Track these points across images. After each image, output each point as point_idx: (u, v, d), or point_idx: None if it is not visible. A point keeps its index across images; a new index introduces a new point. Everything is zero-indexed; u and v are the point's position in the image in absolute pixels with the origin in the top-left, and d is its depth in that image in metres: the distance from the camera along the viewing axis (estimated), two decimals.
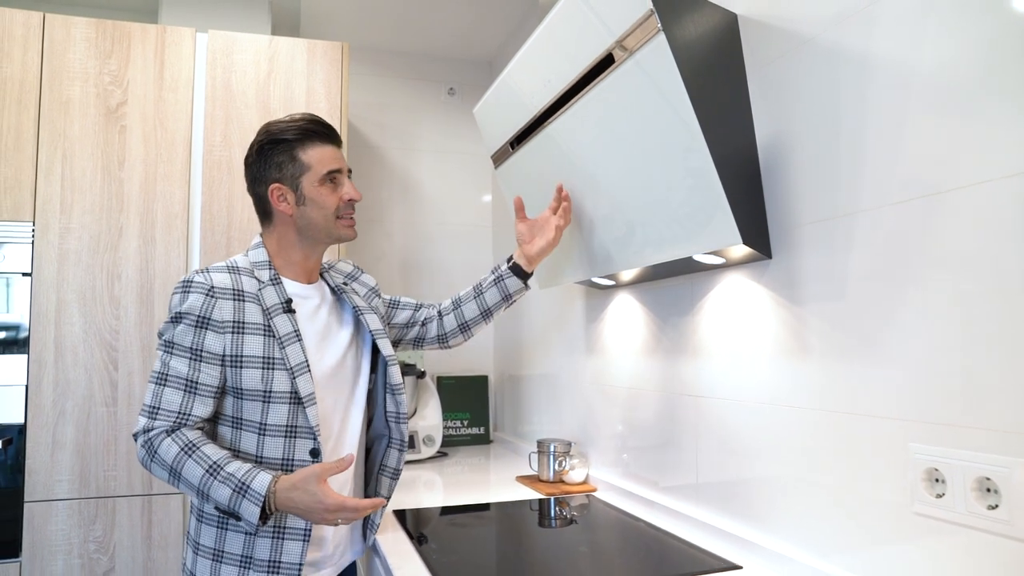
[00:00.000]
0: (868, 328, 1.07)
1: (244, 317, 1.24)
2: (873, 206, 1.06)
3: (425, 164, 2.99)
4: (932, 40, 0.96)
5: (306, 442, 1.25)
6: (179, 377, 1.20)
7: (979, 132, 0.90)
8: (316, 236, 1.34)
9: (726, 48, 1.31)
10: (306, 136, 1.31)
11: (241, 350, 1.23)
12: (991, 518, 0.87)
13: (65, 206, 1.95)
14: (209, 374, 1.22)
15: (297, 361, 1.25)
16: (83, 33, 2.00)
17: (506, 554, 1.42)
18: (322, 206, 1.31)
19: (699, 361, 1.50)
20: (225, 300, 1.23)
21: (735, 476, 1.37)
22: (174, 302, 1.24)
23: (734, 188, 1.19)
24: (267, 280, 1.30)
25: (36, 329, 1.91)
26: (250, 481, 1.13)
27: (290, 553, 1.22)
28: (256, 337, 1.24)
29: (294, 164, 1.30)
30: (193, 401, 1.21)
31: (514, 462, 2.39)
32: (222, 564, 1.21)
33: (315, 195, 1.31)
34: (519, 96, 1.61)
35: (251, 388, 1.23)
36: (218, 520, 1.22)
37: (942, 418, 0.94)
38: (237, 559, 1.21)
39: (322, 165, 1.31)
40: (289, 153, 1.30)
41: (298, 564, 1.22)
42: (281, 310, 1.27)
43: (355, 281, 1.52)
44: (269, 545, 1.21)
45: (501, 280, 1.56)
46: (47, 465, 1.89)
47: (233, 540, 1.22)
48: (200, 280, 1.24)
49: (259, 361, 1.23)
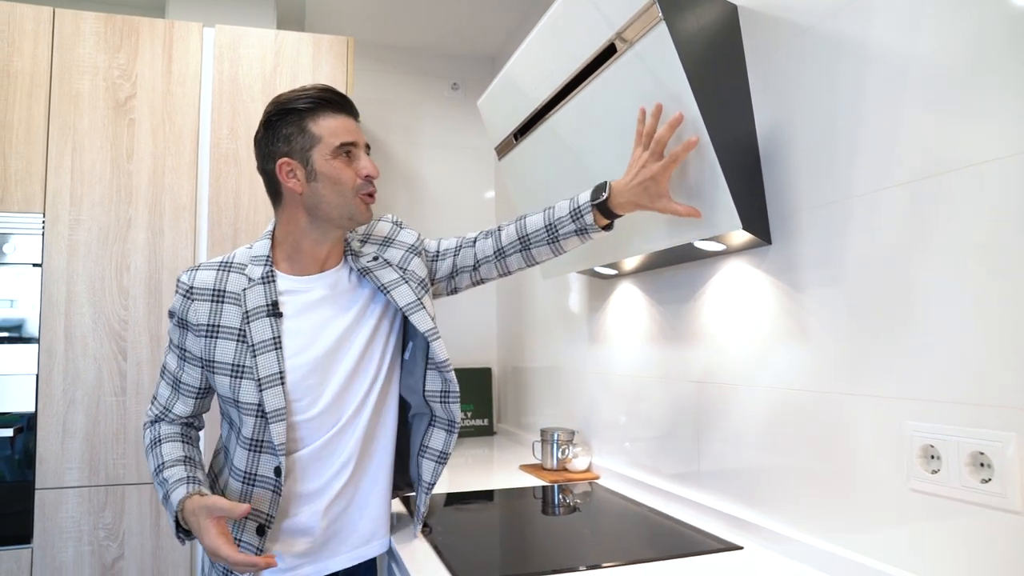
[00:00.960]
0: (866, 311, 1.09)
1: (220, 320, 1.19)
2: (870, 191, 1.08)
3: (429, 159, 3.01)
4: (927, 28, 0.99)
5: (270, 458, 1.19)
6: (169, 372, 1.25)
7: (973, 116, 0.92)
8: (328, 215, 1.21)
9: (726, 37, 1.33)
10: (317, 106, 1.19)
11: (213, 355, 1.19)
12: (985, 491, 0.89)
13: (75, 198, 1.98)
14: (191, 375, 1.23)
15: (267, 372, 1.17)
16: (92, 28, 2.02)
17: (510, 538, 1.45)
18: (336, 181, 1.19)
19: (701, 347, 1.52)
20: (202, 302, 1.19)
21: (736, 459, 1.39)
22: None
23: (734, 175, 1.21)
24: (257, 278, 1.21)
25: (46, 319, 1.94)
26: (171, 493, 1.13)
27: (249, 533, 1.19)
28: (228, 343, 1.18)
29: (304, 136, 1.18)
30: (176, 399, 1.24)
31: (517, 452, 2.41)
32: None
33: (327, 169, 1.18)
34: (522, 88, 1.64)
35: (224, 395, 1.21)
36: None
37: (937, 396, 0.96)
38: None
39: (335, 137, 1.19)
40: (298, 124, 1.18)
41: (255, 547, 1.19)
42: (264, 313, 1.19)
43: (391, 246, 1.35)
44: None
45: (585, 232, 1.29)
46: (57, 453, 1.92)
47: None
48: (184, 280, 1.22)
49: (228, 368, 1.18)
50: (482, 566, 1.22)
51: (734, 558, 1.25)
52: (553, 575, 1.18)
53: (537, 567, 1.22)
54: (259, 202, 2.13)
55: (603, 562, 1.23)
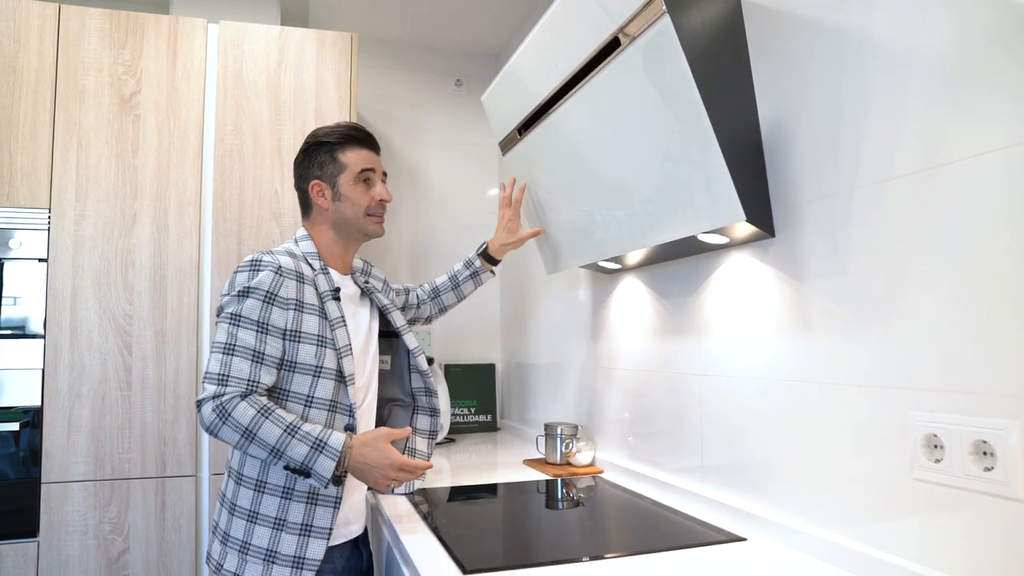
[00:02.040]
0: (869, 302, 1.09)
1: (304, 297, 1.36)
2: (873, 182, 1.08)
3: (433, 156, 3.02)
4: (931, 20, 0.99)
5: (343, 417, 1.39)
6: (247, 348, 1.29)
7: (976, 108, 0.92)
8: (348, 230, 1.48)
9: (729, 30, 1.33)
10: (346, 140, 1.46)
11: (300, 326, 1.34)
12: (987, 479, 0.90)
13: (80, 193, 1.99)
14: (273, 346, 1.32)
15: (343, 343, 1.39)
16: (97, 24, 2.03)
17: (515, 530, 1.45)
18: (354, 203, 1.46)
19: (704, 341, 1.52)
20: (290, 280, 1.35)
21: (740, 451, 1.40)
22: (240, 279, 1.33)
23: (738, 167, 1.22)
24: (318, 269, 1.43)
25: (52, 314, 1.95)
26: (327, 439, 1.26)
27: (321, 518, 1.33)
28: (313, 317, 1.36)
29: (334, 164, 1.45)
30: (260, 370, 1.30)
31: (521, 447, 2.42)
32: (256, 525, 1.31)
33: (349, 192, 1.45)
34: (526, 83, 1.64)
35: (305, 362, 1.34)
36: (255, 483, 1.32)
37: (940, 385, 0.97)
38: (271, 520, 1.31)
39: (356, 165, 1.45)
40: (330, 154, 1.45)
41: (328, 528, 1.34)
42: (331, 296, 1.41)
43: (370, 277, 1.64)
44: (303, 509, 1.32)
45: (476, 275, 1.86)
46: (63, 447, 1.93)
47: (269, 503, 1.32)
48: (269, 260, 1.35)
49: (315, 338, 1.35)
50: (487, 557, 1.23)
51: (738, 549, 1.25)
52: (556, 565, 1.18)
53: (541, 558, 1.22)
54: (263, 197, 2.14)
55: (606, 553, 1.23)
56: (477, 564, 1.18)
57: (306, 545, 1.31)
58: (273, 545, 1.30)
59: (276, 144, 2.16)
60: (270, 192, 2.14)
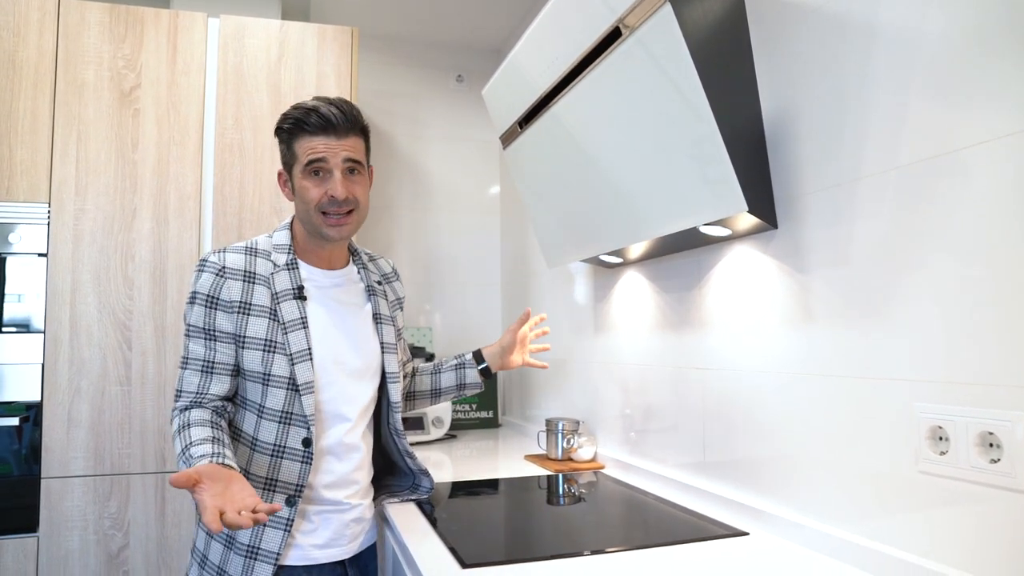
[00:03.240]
0: (873, 292, 1.08)
1: (252, 299, 1.26)
2: (877, 172, 1.07)
3: (434, 152, 3.01)
4: (935, 8, 0.97)
5: (299, 430, 1.26)
6: (197, 359, 1.24)
7: (980, 96, 0.91)
8: (308, 229, 1.32)
9: (731, 18, 1.32)
10: (297, 126, 1.26)
11: (245, 331, 1.25)
12: (993, 471, 0.88)
13: (80, 188, 1.98)
14: (224, 352, 1.25)
15: (298, 348, 1.26)
16: (97, 18, 2.02)
17: (516, 525, 1.44)
18: (303, 199, 1.27)
19: (707, 334, 1.51)
20: (235, 281, 1.26)
21: (742, 445, 1.39)
22: (191, 281, 1.27)
23: (740, 158, 1.20)
24: (283, 264, 1.30)
25: (52, 309, 1.94)
26: (193, 463, 1.06)
27: (269, 541, 1.23)
28: (261, 319, 1.25)
29: (289, 153, 1.29)
30: (210, 381, 1.23)
31: (522, 443, 2.41)
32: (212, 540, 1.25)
33: (300, 187, 1.28)
34: (526, 76, 1.63)
35: (251, 370, 1.25)
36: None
37: (946, 376, 0.95)
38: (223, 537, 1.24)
39: (304, 155, 1.26)
40: (287, 142, 1.29)
41: (275, 552, 1.23)
42: (291, 296, 1.28)
43: (387, 285, 1.50)
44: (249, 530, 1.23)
45: (462, 367, 1.65)
46: (63, 442, 1.92)
47: (215, 551, 1.24)
48: (213, 260, 1.27)
49: (260, 343, 1.25)
50: (488, 552, 1.22)
51: (740, 543, 1.24)
52: (557, 560, 1.17)
53: (542, 552, 1.21)
54: (263, 192, 2.13)
55: (608, 547, 1.22)
56: (476, 559, 1.17)
57: (251, 569, 1.21)
58: (224, 564, 1.23)
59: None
60: (270, 186, 2.13)
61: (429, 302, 2.96)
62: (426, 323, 2.94)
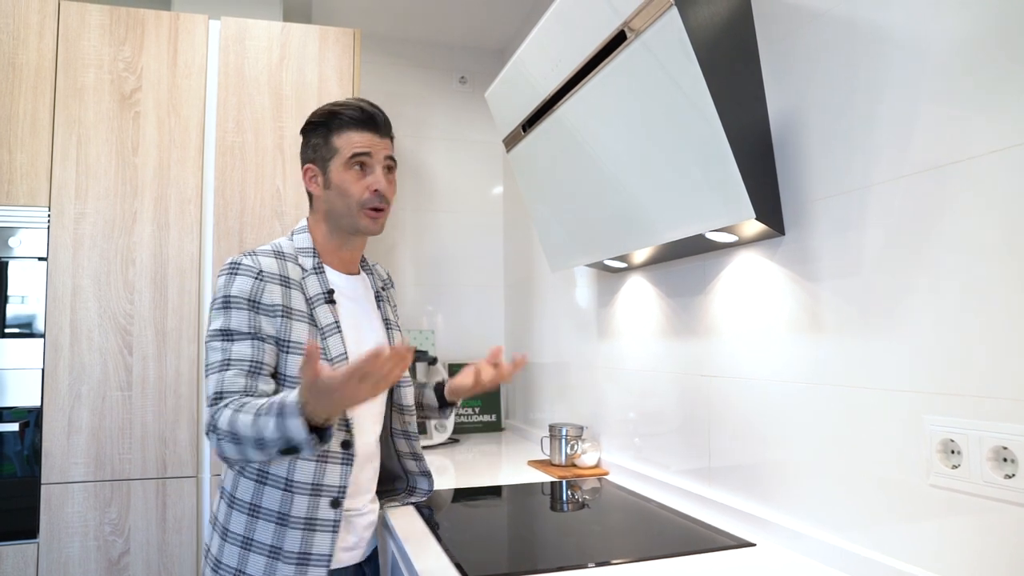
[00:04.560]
0: (883, 302, 1.06)
1: (291, 303, 1.23)
2: (887, 179, 1.05)
3: (436, 153, 2.99)
4: (946, 11, 0.95)
5: (339, 433, 1.26)
6: (244, 359, 1.17)
7: (992, 102, 0.89)
8: (339, 224, 1.32)
9: (738, 22, 1.30)
10: (342, 119, 1.28)
11: (289, 335, 1.21)
12: (1008, 487, 0.86)
13: (80, 191, 1.97)
14: (270, 355, 1.20)
15: (337, 353, 1.25)
16: (97, 20, 2.01)
17: (519, 534, 1.43)
18: (344, 193, 1.28)
19: (712, 341, 1.49)
20: (273, 284, 1.22)
21: (748, 455, 1.37)
22: (220, 284, 1.21)
23: (747, 164, 1.18)
24: (310, 268, 1.29)
25: (52, 313, 1.93)
26: (284, 398, 1.03)
27: (320, 545, 1.21)
28: (302, 324, 1.23)
29: (327, 147, 1.29)
30: (257, 381, 1.18)
31: (526, 448, 2.39)
32: (251, 552, 1.20)
33: (339, 180, 1.28)
34: (530, 79, 1.61)
35: (294, 375, 1.21)
36: (249, 508, 1.21)
37: (958, 389, 0.93)
38: (266, 548, 1.20)
39: (348, 148, 1.27)
40: (325, 136, 1.29)
41: (327, 555, 1.21)
42: (323, 300, 1.27)
43: (387, 290, 1.53)
44: (299, 537, 1.20)
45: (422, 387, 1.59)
46: (63, 448, 1.91)
47: (263, 529, 1.20)
48: (249, 263, 1.22)
49: (303, 348, 1.20)
50: (490, 562, 1.20)
51: (747, 555, 1.22)
52: (562, 572, 1.15)
53: (546, 564, 1.19)
54: (265, 195, 2.11)
55: (613, 559, 1.20)
56: (480, 571, 1.15)
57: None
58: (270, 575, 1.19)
59: (278, 141, 2.14)
60: (272, 190, 2.12)
61: (431, 304, 2.94)
62: (428, 326, 2.93)
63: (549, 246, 1.90)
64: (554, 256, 1.90)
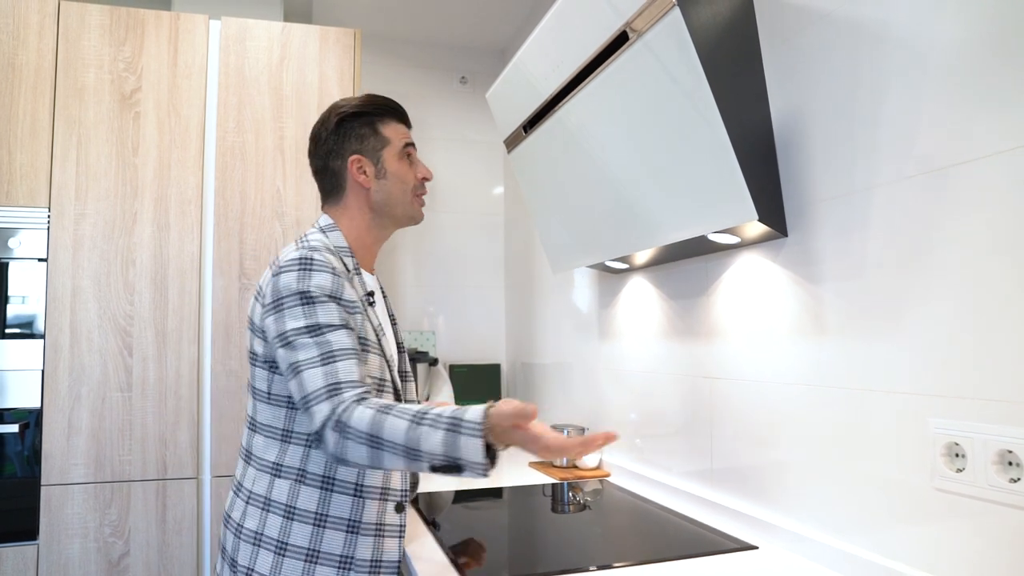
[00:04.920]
0: (886, 303, 1.05)
1: (358, 301, 1.18)
2: (890, 180, 1.04)
3: (437, 153, 2.98)
4: (949, 12, 0.95)
5: None
6: (351, 349, 1.08)
7: (997, 103, 0.88)
8: (391, 212, 1.29)
9: (740, 22, 1.29)
10: (386, 111, 1.29)
11: (364, 332, 1.16)
12: (1013, 491, 0.86)
13: (80, 192, 1.96)
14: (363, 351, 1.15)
15: (389, 352, 1.23)
16: (97, 20, 2.00)
17: (520, 537, 1.42)
18: (402, 180, 1.28)
19: (714, 343, 1.48)
20: (345, 280, 1.15)
21: (751, 457, 1.36)
22: (288, 281, 1.10)
23: (750, 165, 1.18)
24: (352, 268, 1.23)
25: (52, 314, 1.92)
26: (462, 415, 0.97)
27: (390, 551, 1.16)
28: (366, 322, 1.18)
29: (376, 137, 1.27)
30: (364, 370, 1.09)
31: None
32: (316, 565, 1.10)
33: (396, 168, 1.28)
34: (531, 79, 1.61)
35: (372, 376, 1.16)
36: (315, 517, 1.12)
37: (962, 392, 0.93)
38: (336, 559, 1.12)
39: (400, 139, 1.29)
40: (371, 126, 1.27)
41: (396, 562, 1.17)
42: (369, 301, 1.23)
43: None
44: (371, 544, 1.14)
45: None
46: (63, 449, 1.91)
47: (332, 539, 1.12)
48: (321, 260, 1.13)
49: (370, 344, 1.17)
50: (491, 566, 1.20)
51: (750, 558, 1.22)
52: (563, 575, 1.15)
53: (547, 567, 1.19)
54: (265, 195, 2.11)
55: (614, 562, 1.20)
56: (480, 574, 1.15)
57: None
58: None
59: (278, 142, 2.13)
60: (272, 190, 2.11)
61: (432, 305, 2.94)
62: (429, 327, 2.92)
63: (550, 247, 1.90)
64: (555, 257, 1.89)
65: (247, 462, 1.18)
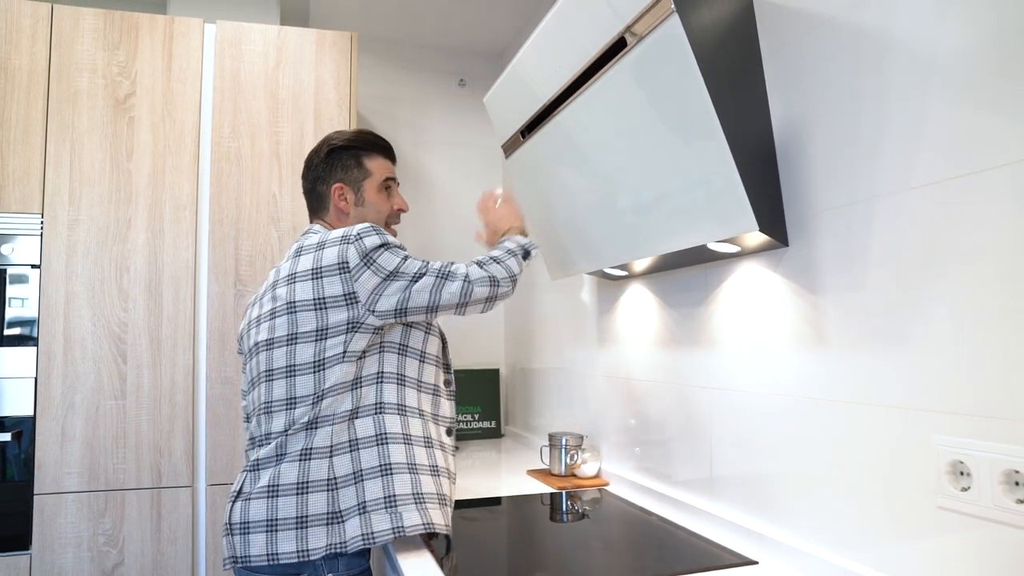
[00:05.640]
0: (889, 316, 1.03)
1: None
2: (893, 191, 1.02)
3: (435, 157, 2.96)
4: (954, 19, 0.93)
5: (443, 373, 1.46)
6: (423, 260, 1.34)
7: (1002, 112, 0.86)
8: None
9: (741, 28, 1.27)
10: (372, 147, 1.47)
11: None
12: (1020, 513, 0.84)
13: (73, 198, 1.94)
14: None
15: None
16: (91, 24, 1.98)
17: (517, 548, 1.40)
18: (378, 209, 1.46)
19: (713, 352, 1.46)
20: None
21: (750, 470, 1.34)
22: (374, 240, 1.28)
23: (750, 174, 1.16)
24: None
25: (45, 321, 1.90)
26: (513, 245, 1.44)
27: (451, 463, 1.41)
28: None
29: (359, 169, 1.45)
30: None
31: (525, 456, 2.36)
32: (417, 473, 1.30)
33: (374, 199, 1.46)
34: (529, 84, 1.59)
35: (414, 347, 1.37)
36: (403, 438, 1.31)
37: (967, 409, 0.91)
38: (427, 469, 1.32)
39: (381, 173, 1.47)
40: (356, 159, 1.45)
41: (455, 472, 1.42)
42: None
43: None
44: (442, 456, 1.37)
45: None
46: (56, 458, 1.89)
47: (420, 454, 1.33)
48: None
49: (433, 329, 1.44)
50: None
51: (749, 574, 1.19)
52: None
53: None
54: (260, 201, 2.09)
55: None
56: None
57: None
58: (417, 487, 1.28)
59: (274, 147, 2.11)
60: (268, 196, 2.09)
61: None
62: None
63: (548, 254, 1.88)
64: (553, 264, 1.87)
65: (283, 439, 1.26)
